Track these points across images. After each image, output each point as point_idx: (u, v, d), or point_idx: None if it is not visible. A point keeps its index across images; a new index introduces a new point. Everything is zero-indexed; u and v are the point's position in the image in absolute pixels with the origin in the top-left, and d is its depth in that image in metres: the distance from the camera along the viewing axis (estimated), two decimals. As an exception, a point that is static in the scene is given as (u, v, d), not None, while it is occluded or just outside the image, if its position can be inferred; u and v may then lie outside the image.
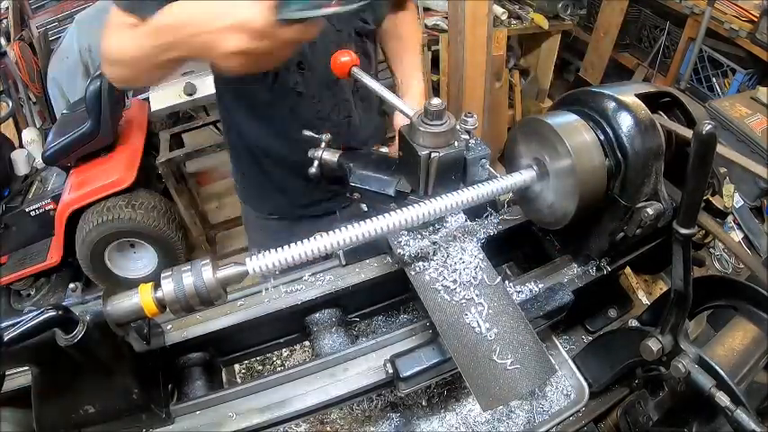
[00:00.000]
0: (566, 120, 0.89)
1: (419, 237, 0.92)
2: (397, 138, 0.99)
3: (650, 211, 0.87)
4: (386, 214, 0.79)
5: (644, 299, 1.75)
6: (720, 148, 0.80)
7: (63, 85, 4.15)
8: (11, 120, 3.71)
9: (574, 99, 0.94)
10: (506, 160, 1.00)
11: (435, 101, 0.85)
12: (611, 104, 0.87)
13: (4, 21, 4.26)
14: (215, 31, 0.79)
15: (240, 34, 0.78)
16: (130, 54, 1.00)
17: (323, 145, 1.12)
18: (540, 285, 0.99)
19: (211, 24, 0.79)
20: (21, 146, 3.47)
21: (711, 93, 3.61)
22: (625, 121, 0.85)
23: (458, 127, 0.89)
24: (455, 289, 0.87)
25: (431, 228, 0.93)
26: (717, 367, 0.79)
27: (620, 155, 0.86)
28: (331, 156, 1.10)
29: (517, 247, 1.20)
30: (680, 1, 3.56)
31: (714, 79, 3.60)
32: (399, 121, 1.37)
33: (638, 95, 0.89)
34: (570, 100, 0.95)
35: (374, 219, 0.78)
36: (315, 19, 0.80)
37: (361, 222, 0.77)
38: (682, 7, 3.56)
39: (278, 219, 1.56)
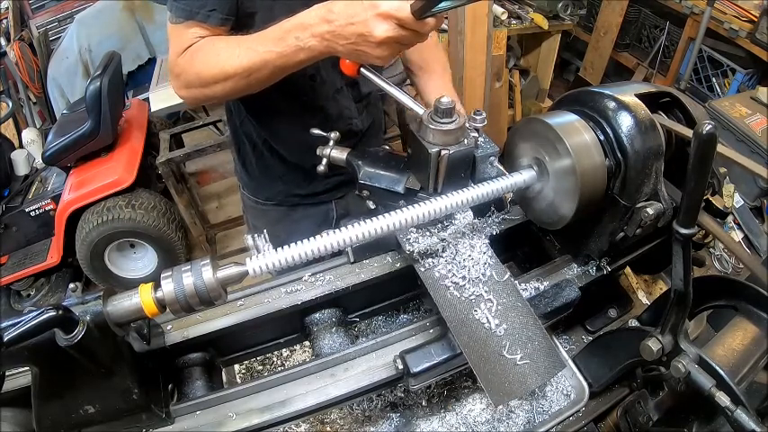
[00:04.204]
0: (566, 120, 0.89)
1: (428, 234, 0.93)
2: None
3: (650, 210, 0.87)
4: (383, 215, 0.79)
5: (644, 299, 1.75)
6: (720, 148, 0.80)
7: (63, 85, 4.15)
8: (11, 120, 3.71)
9: (574, 99, 0.94)
10: (506, 160, 1.00)
11: (445, 99, 0.85)
12: (611, 104, 0.87)
13: (4, 21, 4.26)
14: (366, 21, 0.87)
15: (388, 21, 0.86)
16: (236, 66, 1.03)
17: (331, 143, 1.12)
18: (546, 283, 0.99)
19: (363, 14, 0.87)
20: (21, 146, 3.47)
21: (711, 93, 3.61)
22: (625, 121, 0.85)
23: (467, 125, 0.89)
24: (464, 285, 0.87)
25: (439, 225, 0.94)
26: (717, 367, 0.79)
27: (620, 155, 0.86)
28: (339, 153, 1.11)
29: (517, 246, 1.20)
30: (680, 1, 3.56)
31: (714, 79, 3.60)
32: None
33: (638, 95, 0.89)
34: (570, 100, 0.95)
35: (368, 220, 0.78)
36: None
37: (359, 223, 0.78)
38: (682, 7, 3.57)
39: (274, 205, 1.58)
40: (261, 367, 1.25)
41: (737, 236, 2.91)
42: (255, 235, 0.77)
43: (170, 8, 1.11)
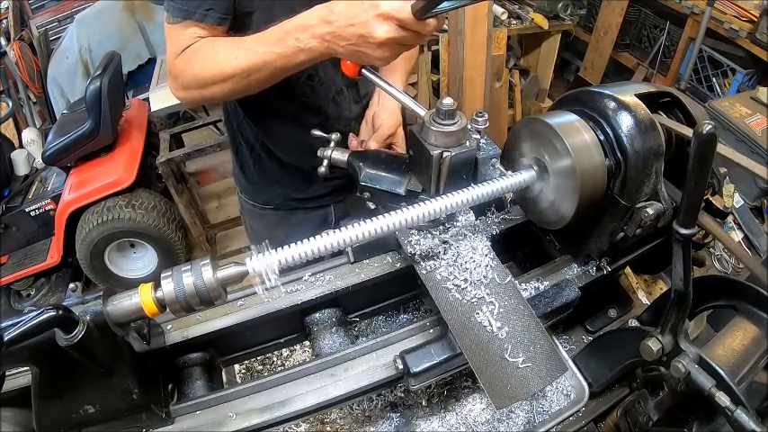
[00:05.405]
0: (566, 120, 0.89)
1: (429, 236, 0.93)
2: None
3: (650, 210, 0.87)
4: (383, 215, 0.79)
5: (644, 299, 1.75)
6: (720, 148, 0.80)
7: (63, 85, 4.15)
8: (11, 120, 3.70)
9: (574, 99, 0.94)
10: (506, 160, 1.00)
11: (447, 100, 0.85)
12: (611, 104, 0.87)
13: (4, 21, 4.26)
14: (367, 22, 0.87)
15: (389, 22, 0.86)
16: (234, 67, 1.03)
17: (332, 144, 1.12)
18: (546, 283, 0.99)
19: (363, 15, 0.87)
20: (21, 146, 3.46)
21: (711, 93, 3.61)
22: (625, 121, 0.85)
23: (469, 126, 0.90)
24: (466, 288, 0.87)
25: (441, 227, 0.94)
26: (717, 367, 0.79)
27: (620, 155, 0.86)
28: (340, 155, 1.11)
29: (517, 246, 1.20)
30: (680, 1, 3.56)
31: (714, 79, 3.60)
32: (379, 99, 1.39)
33: (638, 95, 0.89)
34: (570, 100, 0.95)
35: (368, 221, 0.78)
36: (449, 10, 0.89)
37: (359, 223, 0.78)
38: (682, 7, 3.57)
39: (273, 209, 1.58)
40: (261, 367, 1.25)
41: (737, 236, 2.91)
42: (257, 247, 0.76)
43: (167, 8, 1.11)
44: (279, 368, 1.24)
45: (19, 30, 4.28)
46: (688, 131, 0.88)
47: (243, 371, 1.23)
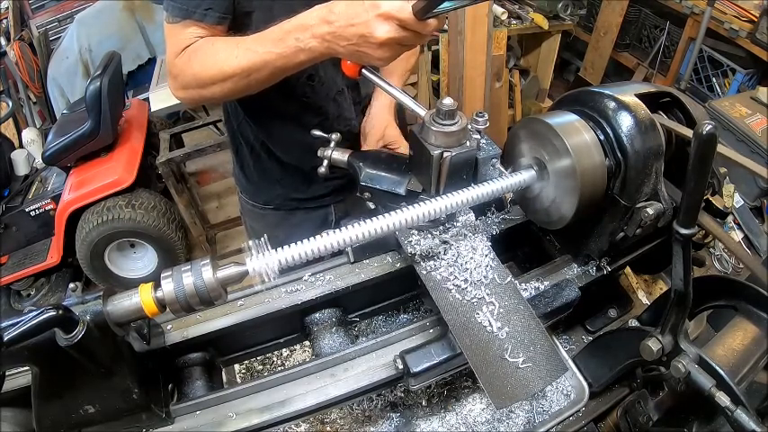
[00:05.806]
0: (566, 119, 0.89)
1: (429, 236, 0.93)
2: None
3: (650, 210, 0.87)
4: (383, 215, 0.79)
5: (644, 299, 1.75)
6: (720, 148, 0.80)
7: (63, 85, 4.15)
8: (11, 120, 3.70)
9: (574, 99, 0.94)
10: (506, 160, 1.00)
11: (447, 101, 0.85)
12: (611, 104, 0.87)
13: (4, 21, 4.26)
14: (367, 22, 0.87)
15: (390, 22, 0.86)
16: (234, 67, 1.03)
17: (332, 145, 1.12)
18: (546, 283, 0.99)
19: (364, 15, 0.87)
20: (21, 146, 3.47)
21: (711, 93, 3.61)
22: (625, 121, 0.85)
23: (469, 126, 0.90)
24: (466, 288, 0.87)
25: (441, 227, 0.94)
26: (717, 367, 0.79)
27: (620, 154, 0.86)
28: (340, 155, 1.11)
29: (517, 246, 1.20)
30: (680, 1, 3.56)
31: (714, 79, 3.60)
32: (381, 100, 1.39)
33: (638, 95, 0.89)
34: (570, 100, 0.95)
35: (368, 221, 0.78)
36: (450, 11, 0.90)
37: (359, 223, 0.78)
38: (682, 7, 3.57)
39: (273, 209, 1.58)
40: (261, 367, 1.25)
41: (737, 236, 2.91)
42: (256, 241, 0.76)
43: (166, 8, 1.11)
44: (279, 368, 1.24)
45: (19, 30, 4.28)
46: (688, 131, 0.88)
47: (243, 371, 1.23)
